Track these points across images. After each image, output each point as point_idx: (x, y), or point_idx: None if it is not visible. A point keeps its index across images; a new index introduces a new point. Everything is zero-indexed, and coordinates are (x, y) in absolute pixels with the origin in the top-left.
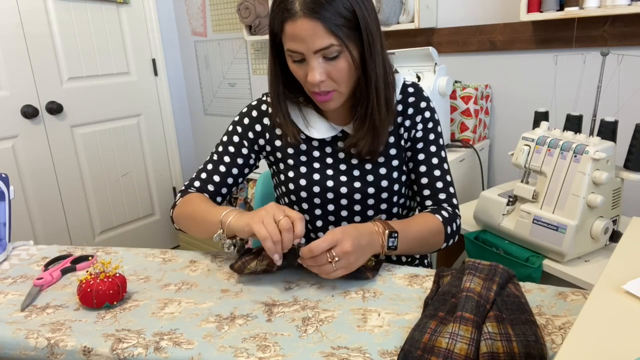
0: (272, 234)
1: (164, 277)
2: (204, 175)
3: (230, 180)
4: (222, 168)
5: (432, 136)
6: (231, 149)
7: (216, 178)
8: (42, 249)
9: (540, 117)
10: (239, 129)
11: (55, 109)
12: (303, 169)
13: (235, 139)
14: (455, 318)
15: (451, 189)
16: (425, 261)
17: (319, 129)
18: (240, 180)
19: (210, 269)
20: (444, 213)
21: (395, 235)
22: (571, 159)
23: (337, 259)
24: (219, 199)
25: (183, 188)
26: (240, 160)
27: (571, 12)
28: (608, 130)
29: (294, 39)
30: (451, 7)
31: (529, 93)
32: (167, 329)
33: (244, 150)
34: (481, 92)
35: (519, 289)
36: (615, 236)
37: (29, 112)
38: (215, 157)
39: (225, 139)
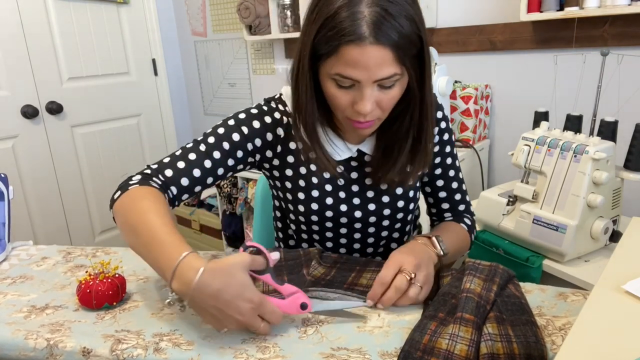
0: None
1: None
2: (181, 165)
3: (209, 180)
4: (208, 163)
5: (448, 148)
6: (225, 145)
7: (196, 172)
8: (41, 249)
9: (540, 117)
10: (245, 130)
11: (55, 109)
12: (315, 193)
13: (235, 137)
14: (455, 319)
15: (467, 197)
16: None
17: (337, 152)
18: (217, 182)
19: None
20: (467, 221)
21: (441, 239)
22: (571, 159)
23: (413, 274)
24: (185, 196)
25: (148, 171)
26: (230, 162)
27: (571, 12)
28: (608, 130)
29: (353, 65)
30: (451, 7)
31: (529, 93)
32: (166, 330)
33: (239, 153)
34: (481, 92)
35: (519, 290)
36: (615, 236)
37: (29, 112)
38: (202, 147)
39: (221, 131)
